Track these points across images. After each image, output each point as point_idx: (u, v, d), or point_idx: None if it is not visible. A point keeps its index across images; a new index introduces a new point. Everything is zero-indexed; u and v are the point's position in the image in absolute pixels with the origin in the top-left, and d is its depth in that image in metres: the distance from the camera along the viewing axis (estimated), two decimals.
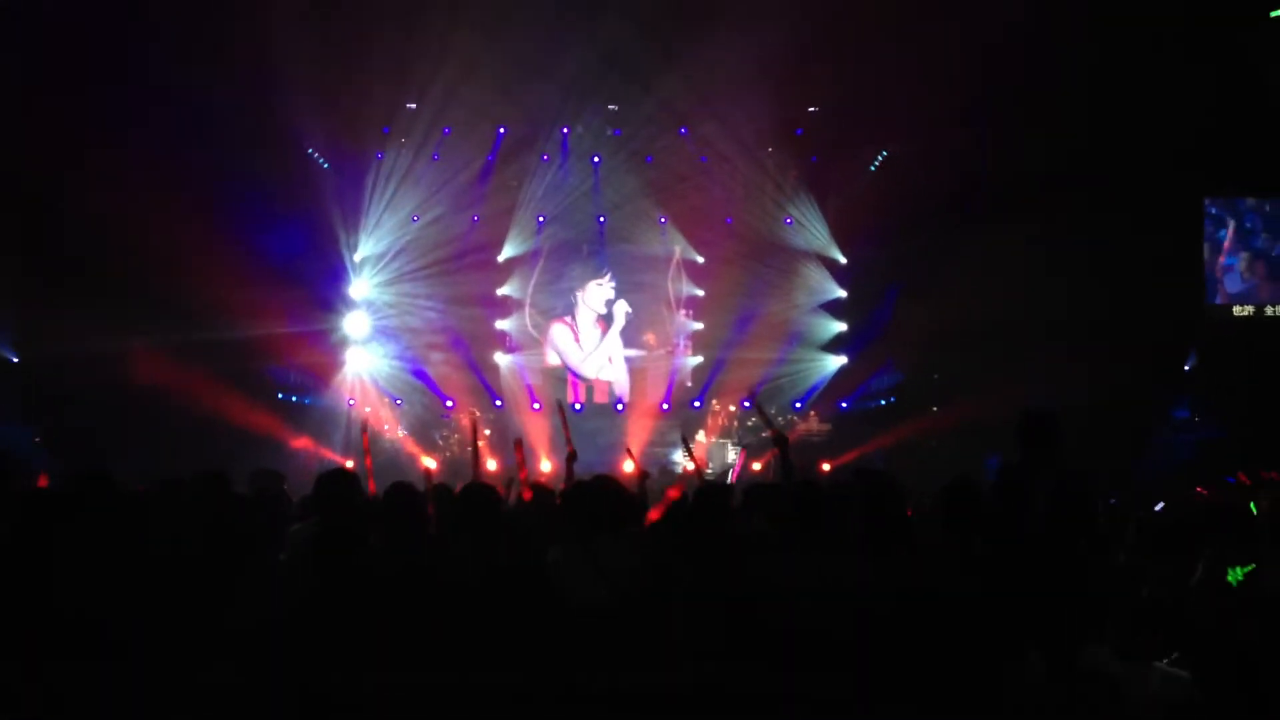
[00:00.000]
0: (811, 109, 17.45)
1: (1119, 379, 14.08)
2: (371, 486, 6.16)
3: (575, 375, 18.07)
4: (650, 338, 18.39)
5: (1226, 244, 16.25)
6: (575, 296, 18.14)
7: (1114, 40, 13.41)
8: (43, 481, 6.57)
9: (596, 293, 18.05)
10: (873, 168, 17.63)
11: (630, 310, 18.03)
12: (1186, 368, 16.37)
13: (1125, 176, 14.21)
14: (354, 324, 17.30)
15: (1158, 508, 8.20)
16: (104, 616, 4.06)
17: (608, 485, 5.01)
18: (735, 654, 4.04)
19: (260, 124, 14.51)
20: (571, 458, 6.70)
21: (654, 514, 6.03)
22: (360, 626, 4.08)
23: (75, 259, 13.75)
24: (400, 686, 3.74)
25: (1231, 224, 16.27)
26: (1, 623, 4.02)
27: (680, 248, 18.27)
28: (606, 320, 18.00)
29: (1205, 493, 9.45)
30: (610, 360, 18.06)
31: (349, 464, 12.31)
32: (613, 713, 3.71)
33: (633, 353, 18.25)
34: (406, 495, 4.99)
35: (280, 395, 16.79)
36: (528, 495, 6.03)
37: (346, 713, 3.71)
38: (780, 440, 6.33)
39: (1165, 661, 4.79)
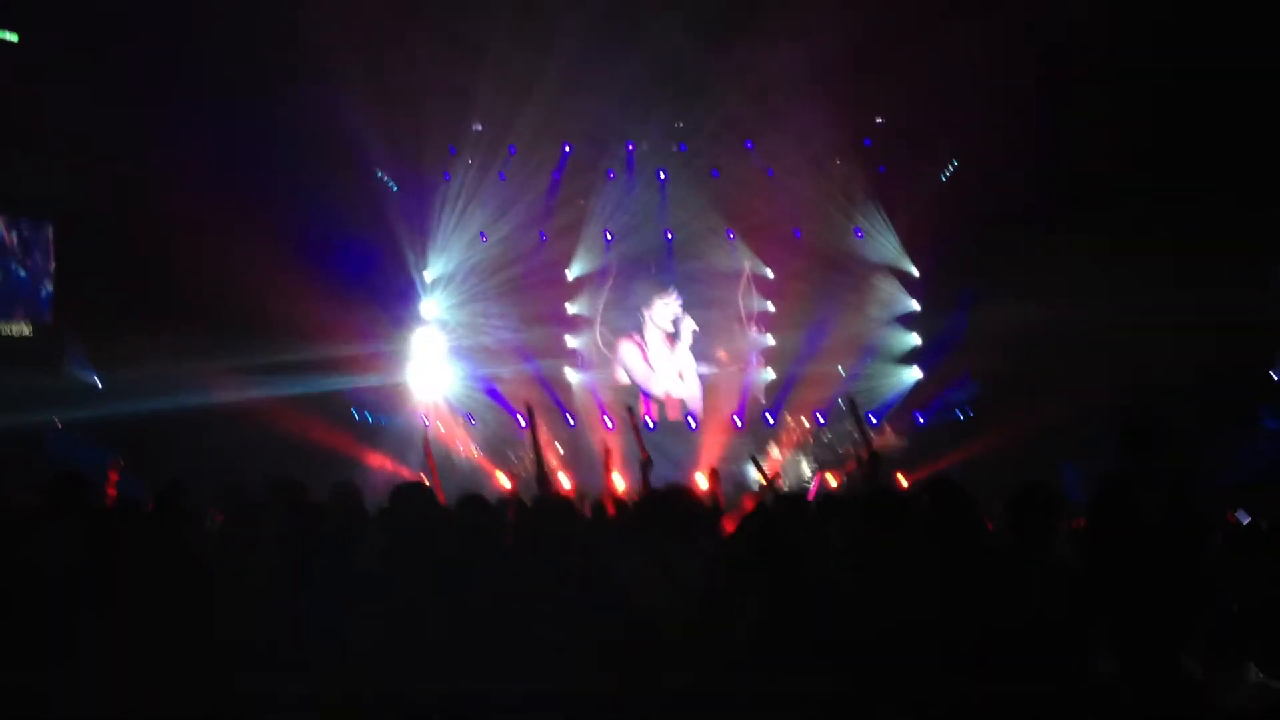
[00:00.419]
0: (879, 119, 17.33)
1: (1200, 384, 13.73)
2: (440, 499, 6.19)
3: (646, 393, 18.04)
4: (722, 354, 18.31)
5: None
6: (643, 314, 18.12)
7: (1188, 37, 13.14)
8: (113, 476, 6.68)
9: (663, 310, 18.00)
10: (943, 177, 17.42)
11: (696, 327, 17.97)
12: (1275, 375, 15.92)
13: (1203, 177, 13.88)
14: (426, 343, 17.45)
15: (1244, 517, 7.98)
16: (175, 626, 4.11)
17: (681, 494, 4.98)
18: (806, 663, 4.00)
19: (330, 147, 14.71)
20: (646, 464, 6.64)
21: (729, 525, 5.98)
22: (430, 635, 4.08)
23: (152, 283, 14.01)
24: (472, 695, 3.73)
25: None
26: (76, 631, 4.08)
27: (750, 262, 18.17)
28: (674, 337, 17.95)
29: None
30: (681, 377, 17.99)
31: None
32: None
33: (704, 369, 18.18)
34: (478, 507, 4.99)
35: (356, 415, 16.96)
36: (611, 509, 5.99)
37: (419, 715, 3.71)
38: (872, 455, 6.24)
39: (1259, 674, 4.65)
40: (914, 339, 17.81)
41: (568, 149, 17.55)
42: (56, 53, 13.30)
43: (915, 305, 17.74)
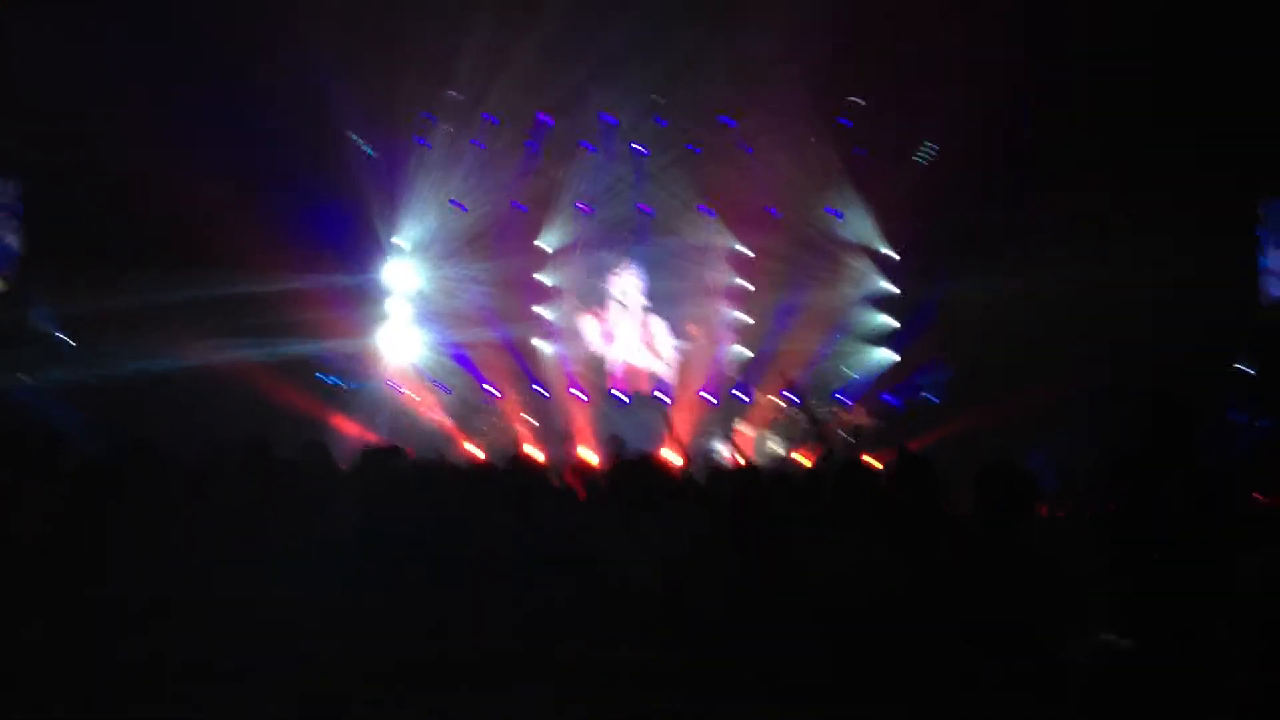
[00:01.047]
0: (857, 100, 17.33)
1: (1167, 376, 13.83)
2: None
3: (618, 365, 18.07)
4: (693, 329, 18.33)
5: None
6: (606, 286, 18.16)
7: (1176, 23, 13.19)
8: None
9: (617, 284, 18.07)
10: (920, 159, 17.43)
11: (647, 302, 18.04)
12: (1239, 368, 16.06)
13: (1181, 167, 13.96)
14: (396, 308, 17.39)
15: None
16: (155, 586, 4.08)
17: (651, 464, 4.98)
18: (774, 630, 4.02)
19: (300, 106, 14.57)
20: (615, 441, 6.66)
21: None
22: (401, 598, 4.08)
23: (119, 241, 13.86)
24: (447, 660, 3.74)
25: None
26: (58, 595, 4.05)
27: (725, 239, 18.18)
28: (629, 310, 18.03)
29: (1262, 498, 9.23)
30: (650, 350, 18.03)
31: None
32: (653, 686, 3.69)
33: (676, 343, 18.21)
34: (446, 471, 4.99)
35: (324, 379, 16.88)
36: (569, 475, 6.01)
37: (390, 681, 3.71)
38: (823, 428, 6.26)
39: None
40: (887, 319, 17.87)
41: (544, 119, 17.46)
42: (21, 4, 13.13)
43: (890, 285, 17.78)
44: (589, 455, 14.79)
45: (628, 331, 18.06)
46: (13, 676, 3.75)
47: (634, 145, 17.85)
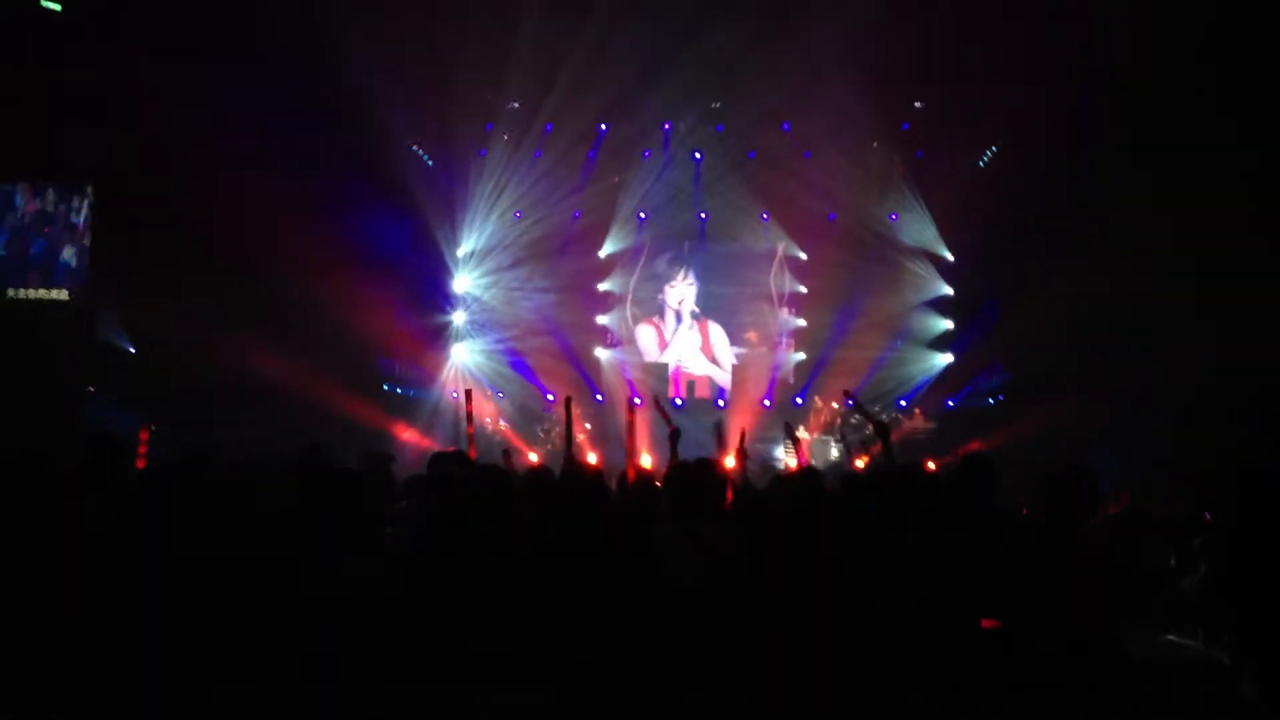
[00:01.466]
0: (918, 103, 17.24)
1: (1233, 376, 13.56)
2: (472, 453, 6.26)
3: (676, 371, 18.12)
4: (752, 335, 18.34)
5: None
6: (664, 294, 18.25)
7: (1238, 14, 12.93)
8: (143, 438, 6.74)
9: (673, 294, 18.15)
10: (981, 163, 17.30)
11: (697, 310, 18.13)
12: None
13: (1240, 173, 13.67)
14: (457, 317, 17.59)
15: None
16: (214, 588, 4.16)
17: (709, 467, 4.98)
18: (829, 634, 4.02)
19: (365, 119, 14.74)
20: (675, 436, 6.65)
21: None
22: (467, 599, 4.12)
23: (187, 252, 14.07)
24: (503, 656, 3.77)
25: None
26: (120, 595, 4.13)
27: (783, 244, 18.18)
28: (682, 320, 18.10)
29: None
30: (707, 356, 18.08)
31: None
32: (711, 687, 3.70)
33: (735, 349, 18.23)
34: (505, 478, 5.03)
35: (386, 388, 17.08)
36: (631, 475, 6.01)
37: (453, 681, 3.75)
38: (882, 430, 6.21)
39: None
40: (946, 324, 17.74)
41: (604, 128, 17.55)
42: (95, 18, 13.39)
43: (949, 290, 17.67)
44: (646, 461, 14.82)
45: (684, 340, 18.10)
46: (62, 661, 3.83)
47: (693, 152, 17.90)
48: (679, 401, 17.54)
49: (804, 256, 18.13)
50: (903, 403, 17.50)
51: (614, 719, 3.73)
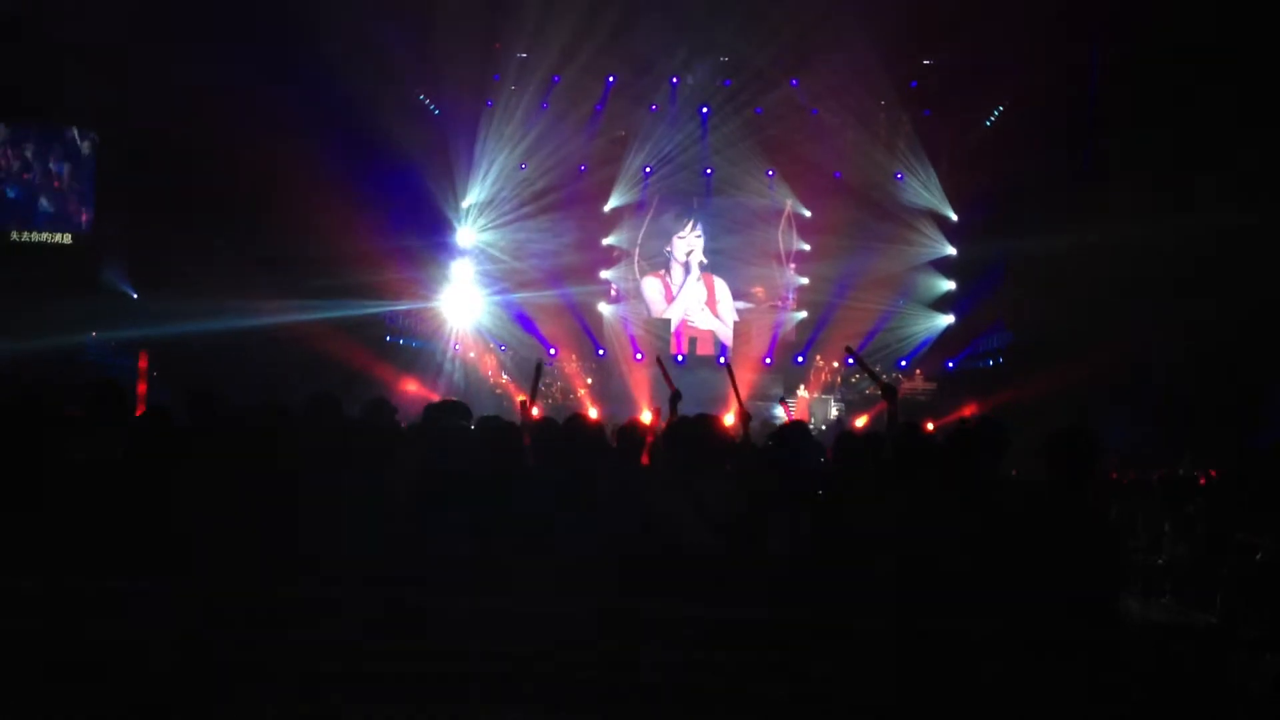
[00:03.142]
0: (926, 62, 17.13)
1: (1233, 339, 13.52)
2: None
3: (681, 326, 18.14)
4: (759, 291, 18.35)
5: None
6: (670, 248, 18.22)
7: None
8: (141, 388, 6.76)
9: (680, 245, 18.12)
10: (988, 123, 17.21)
11: (704, 260, 18.09)
12: None
13: (1243, 136, 13.56)
14: (460, 269, 17.56)
15: None
16: (215, 533, 4.19)
17: (709, 424, 4.99)
18: (826, 589, 4.05)
19: (371, 67, 14.65)
20: (675, 397, 6.66)
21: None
22: (462, 550, 4.15)
23: (192, 200, 14.04)
24: (497, 612, 3.80)
25: None
26: (120, 542, 4.16)
27: (789, 201, 18.13)
28: (690, 272, 18.08)
29: None
30: (710, 311, 18.07)
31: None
32: (709, 647, 3.73)
33: (740, 305, 18.23)
34: (504, 429, 5.04)
35: (388, 339, 17.09)
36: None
37: (446, 629, 3.78)
38: (889, 390, 6.22)
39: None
40: (949, 284, 17.73)
41: (611, 80, 17.45)
42: None
43: (953, 250, 17.63)
44: (647, 415, 14.86)
45: (690, 293, 18.09)
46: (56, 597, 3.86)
47: (700, 107, 17.82)
48: (680, 358, 17.57)
49: (808, 214, 18.08)
50: (903, 363, 17.52)
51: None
